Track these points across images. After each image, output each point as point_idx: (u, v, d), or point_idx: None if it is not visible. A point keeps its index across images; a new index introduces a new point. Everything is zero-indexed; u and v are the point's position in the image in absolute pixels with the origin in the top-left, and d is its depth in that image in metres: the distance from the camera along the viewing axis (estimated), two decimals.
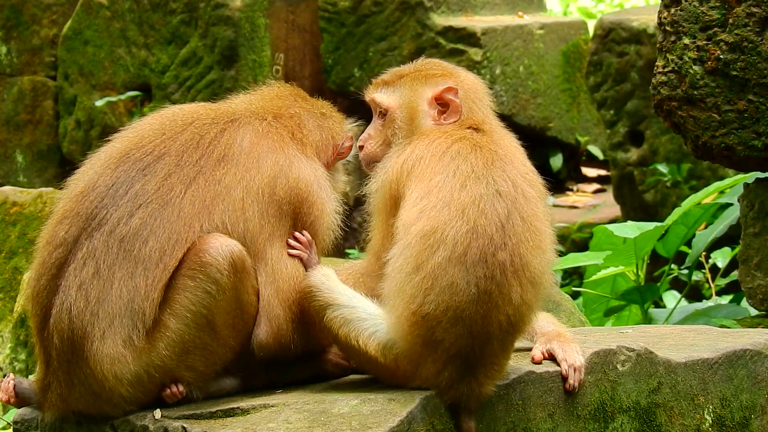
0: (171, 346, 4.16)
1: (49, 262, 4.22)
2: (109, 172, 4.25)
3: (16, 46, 13.38)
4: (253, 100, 4.55)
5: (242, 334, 4.25)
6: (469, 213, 4.07)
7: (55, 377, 4.19)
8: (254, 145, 4.33)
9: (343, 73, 12.32)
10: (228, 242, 4.18)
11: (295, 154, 4.41)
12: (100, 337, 4.11)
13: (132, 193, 4.20)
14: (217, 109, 4.44)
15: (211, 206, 4.23)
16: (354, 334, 4.16)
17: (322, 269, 4.27)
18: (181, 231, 4.19)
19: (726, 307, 7.16)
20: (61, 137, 13.12)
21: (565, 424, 4.24)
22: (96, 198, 4.22)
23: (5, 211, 7.36)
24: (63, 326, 4.14)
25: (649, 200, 10.39)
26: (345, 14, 12.26)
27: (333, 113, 4.67)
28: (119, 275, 4.14)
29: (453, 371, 4.06)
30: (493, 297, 4.04)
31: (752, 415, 4.55)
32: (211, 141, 4.31)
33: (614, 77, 10.57)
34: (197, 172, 4.26)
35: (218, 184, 4.25)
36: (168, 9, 12.39)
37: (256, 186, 4.29)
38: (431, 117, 4.37)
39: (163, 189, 4.22)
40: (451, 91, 4.36)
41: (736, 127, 6.21)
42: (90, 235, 4.18)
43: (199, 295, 4.16)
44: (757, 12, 6.15)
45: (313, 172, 4.41)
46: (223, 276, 4.16)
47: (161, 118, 4.40)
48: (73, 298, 4.14)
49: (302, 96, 4.64)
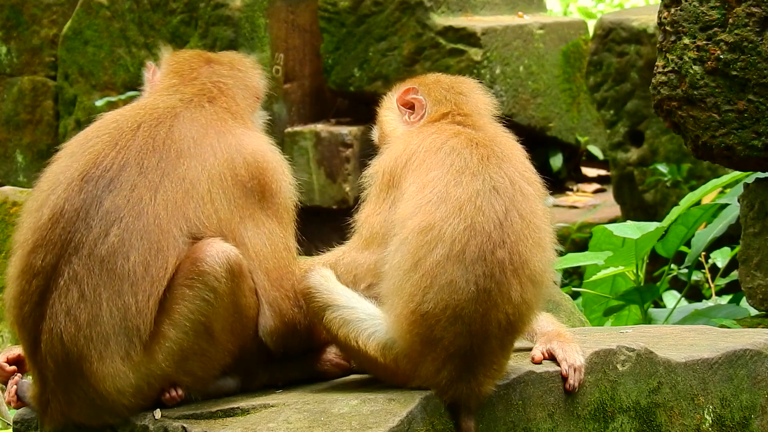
0: (170, 356, 4.14)
1: (29, 291, 4.15)
2: (74, 195, 4.18)
3: (16, 46, 13.38)
4: (177, 86, 4.48)
5: (241, 336, 4.24)
6: (466, 210, 4.08)
7: (54, 396, 4.16)
8: (203, 134, 4.30)
9: (343, 73, 12.32)
10: (224, 248, 4.16)
11: (241, 131, 4.39)
12: (98, 358, 4.08)
13: (103, 211, 4.14)
14: (154, 108, 4.36)
15: (184, 206, 4.18)
16: (353, 334, 4.16)
17: (320, 270, 4.27)
18: (161, 239, 4.14)
19: (726, 307, 7.16)
20: (61, 137, 13.11)
21: (565, 424, 4.24)
22: (67, 223, 4.14)
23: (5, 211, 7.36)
24: (56, 351, 4.10)
25: (649, 200, 10.39)
26: (345, 14, 12.25)
27: (244, 64, 4.64)
28: (106, 296, 4.09)
29: (452, 370, 4.06)
30: (492, 295, 4.04)
31: (752, 415, 4.55)
32: (164, 141, 4.25)
33: (614, 77, 10.57)
34: (161, 175, 4.20)
35: (183, 182, 4.21)
36: (168, 9, 12.39)
37: (218, 173, 4.25)
38: (404, 121, 4.51)
39: (133, 200, 4.15)
40: (410, 91, 4.50)
41: (736, 127, 6.21)
42: (68, 261, 4.11)
43: (197, 303, 4.14)
44: (757, 12, 6.15)
45: (261, 141, 4.41)
46: (221, 284, 4.14)
47: (107, 128, 4.33)
48: (62, 325, 4.08)
49: (211, 59, 4.60)
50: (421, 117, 4.48)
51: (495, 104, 4.56)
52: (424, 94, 4.50)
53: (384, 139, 4.55)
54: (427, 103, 4.48)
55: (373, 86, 12.00)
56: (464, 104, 4.46)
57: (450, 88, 4.51)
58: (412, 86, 4.53)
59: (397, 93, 4.56)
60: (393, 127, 4.54)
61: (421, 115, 4.48)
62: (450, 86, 4.52)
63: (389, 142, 4.49)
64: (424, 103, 4.48)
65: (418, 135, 4.34)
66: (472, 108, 4.46)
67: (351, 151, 12.10)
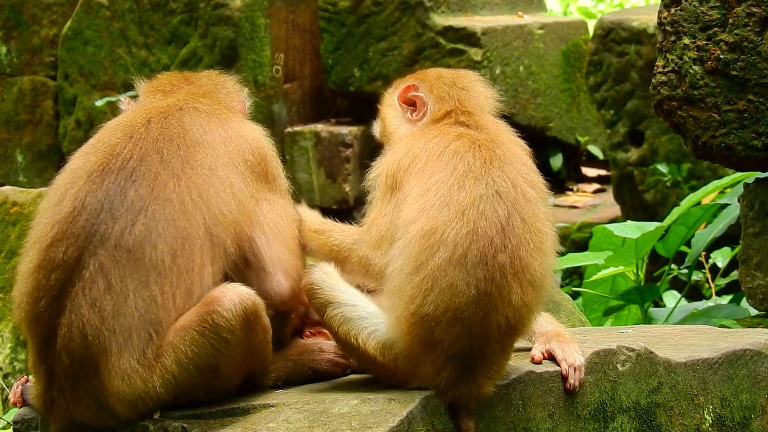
0: (171, 389, 4.12)
1: (46, 286, 4.13)
2: (96, 188, 4.17)
3: (16, 46, 13.38)
4: (167, 95, 4.55)
5: (248, 370, 4.24)
6: (469, 214, 4.08)
7: (61, 393, 4.14)
8: (210, 124, 4.35)
9: (343, 73, 12.32)
10: (241, 295, 4.13)
11: (239, 119, 4.50)
12: (117, 352, 4.07)
13: (128, 201, 4.14)
14: (157, 106, 4.41)
15: (205, 192, 4.20)
16: (354, 332, 4.17)
17: (323, 267, 4.28)
18: (187, 226, 4.15)
19: (726, 307, 7.16)
20: (61, 137, 13.12)
21: (565, 424, 4.24)
22: (90, 216, 4.13)
23: (5, 211, 7.36)
24: (74, 345, 4.08)
25: (649, 200, 10.39)
26: (345, 14, 12.26)
27: (223, 77, 4.74)
28: (132, 287, 4.08)
29: (452, 371, 4.06)
30: (492, 299, 4.04)
31: (752, 415, 4.55)
32: (178, 130, 4.28)
33: (614, 77, 10.57)
34: (182, 162, 4.22)
35: (202, 168, 4.23)
36: (168, 9, 12.39)
37: (231, 159, 4.30)
38: (406, 119, 4.49)
39: (158, 188, 4.17)
40: (411, 88, 4.48)
41: (736, 127, 6.21)
42: (94, 252, 4.10)
43: (207, 351, 4.11)
44: (757, 12, 6.15)
45: (258, 129, 4.51)
46: (235, 334, 4.11)
47: (117, 127, 4.34)
48: (85, 317, 4.07)
49: (189, 76, 4.70)
50: (423, 114, 4.46)
51: (497, 98, 4.55)
52: (426, 91, 4.48)
53: (386, 137, 4.54)
54: (429, 100, 4.46)
55: (373, 86, 12.00)
56: (467, 101, 4.45)
57: (452, 83, 4.49)
58: (413, 83, 4.51)
59: (399, 90, 4.53)
60: (395, 126, 4.52)
61: (423, 113, 4.46)
62: (452, 82, 4.50)
63: (392, 142, 4.48)
64: (426, 101, 4.47)
65: (421, 138, 4.31)
66: (474, 105, 4.45)
67: (351, 151, 12.11)
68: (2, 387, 6.64)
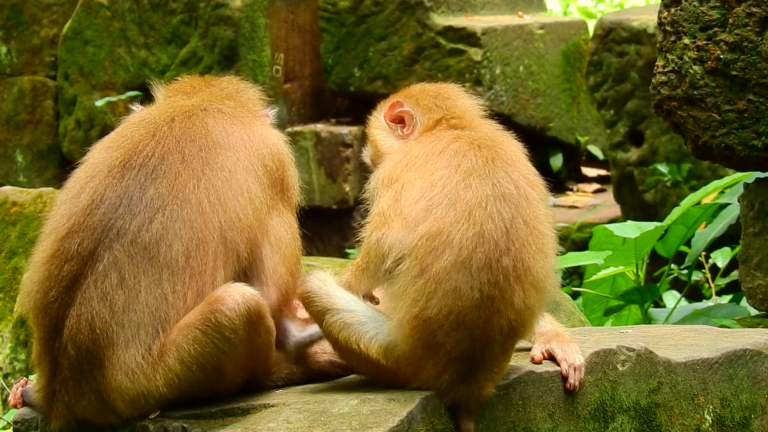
0: (174, 387, 4.12)
1: (58, 276, 4.13)
2: (116, 182, 4.18)
3: (16, 46, 13.38)
4: (189, 95, 4.55)
5: (251, 371, 4.24)
6: (476, 216, 4.06)
7: (63, 385, 4.14)
8: (232, 126, 4.36)
9: (343, 73, 12.32)
10: (245, 296, 4.13)
11: (261, 125, 4.50)
12: (124, 345, 4.08)
13: (147, 198, 4.15)
14: (181, 105, 4.42)
15: (223, 196, 4.21)
16: (354, 337, 4.15)
17: (319, 274, 4.25)
18: (203, 228, 4.16)
19: (726, 307, 7.16)
20: (61, 137, 13.12)
21: (565, 424, 4.24)
22: (108, 210, 4.14)
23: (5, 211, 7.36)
24: (82, 337, 4.08)
25: (649, 200, 10.39)
26: (345, 14, 12.26)
27: (242, 82, 4.73)
28: (145, 283, 4.09)
29: (453, 374, 4.06)
30: (495, 302, 4.03)
31: (752, 415, 4.55)
32: (200, 131, 4.30)
33: (614, 77, 10.57)
34: (203, 164, 4.23)
35: (222, 171, 4.24)
36: (168, 9, 12.39)
37: (251, 163, 4.31)
38: (396, 137, 4.46)
39: (177, 188, 4.18)
40: (396, 105, 4.46)
41: (736, 127, 6.21)
42: (109, 246, 4.11)
43: (209, 350, 4.11)
44: (757, 12, 6.15)
45: (279, 135, 4.51)
46: (238, 334, 4.11)
47: (139, 123, 4.35)
48: (95, 310, 4.07)
49: (210, 80, 4.70)
50: (413, 128, 4.44)
51: (482, 106, 4.54)
52: (412, 105, 4.46)
53: (378, 158, 4.48)
54: (416, 113, 4.44)
55: (373, 86, 12.00)
56: (455, 108, 4.43)
57: (437, 95, 4.47)
58: (397, 100, 4.48)
59: (384, 109, 4.50)
60: (387, 144, 4.47)
61: (413, 126, 4.44)
62: (437, 93, 4.48)
63: (386, 157, 4.45)
64: (414, 114, 4.44)
65: (417, 144, 4.30)
66: (463, 111, 4.44)
67: (351, 151, 12.10)
68: (2, 387, 6.64)
